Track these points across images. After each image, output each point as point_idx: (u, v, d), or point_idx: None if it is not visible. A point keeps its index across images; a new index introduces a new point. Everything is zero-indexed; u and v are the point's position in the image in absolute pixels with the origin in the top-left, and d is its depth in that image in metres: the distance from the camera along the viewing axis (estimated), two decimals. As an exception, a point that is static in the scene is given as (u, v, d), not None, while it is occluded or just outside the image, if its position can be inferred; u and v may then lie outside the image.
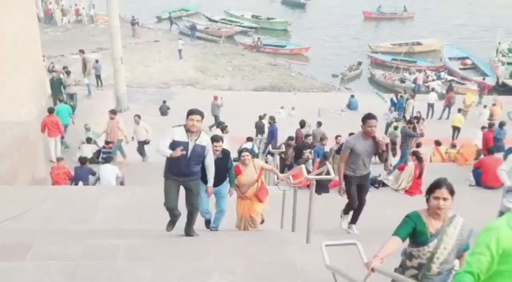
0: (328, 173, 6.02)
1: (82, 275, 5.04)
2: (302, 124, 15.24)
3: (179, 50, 31.33)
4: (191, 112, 6.13)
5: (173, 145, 5.69)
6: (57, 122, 13.15)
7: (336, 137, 13.09)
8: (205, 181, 6.48)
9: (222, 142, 6.94)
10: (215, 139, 6.73)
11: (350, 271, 4.16)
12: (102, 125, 14.88)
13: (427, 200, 3.88)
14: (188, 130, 5.73)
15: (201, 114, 6.14)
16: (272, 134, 15.93)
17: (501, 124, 14.43)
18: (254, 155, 11.14)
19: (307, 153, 12.06)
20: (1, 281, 4.91)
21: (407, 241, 3.99)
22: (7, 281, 4.91)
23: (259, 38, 34.66)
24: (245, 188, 7.34)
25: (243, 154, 7.41)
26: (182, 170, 5.80)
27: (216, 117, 20.26)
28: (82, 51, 20.94)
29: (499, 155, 10.37)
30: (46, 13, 36.58)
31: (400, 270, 4.10)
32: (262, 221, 7.76)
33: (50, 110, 13.32)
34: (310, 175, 6.36)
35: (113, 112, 14.15)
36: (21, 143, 10.43)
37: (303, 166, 6.35)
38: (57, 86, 16.31)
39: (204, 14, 40.89)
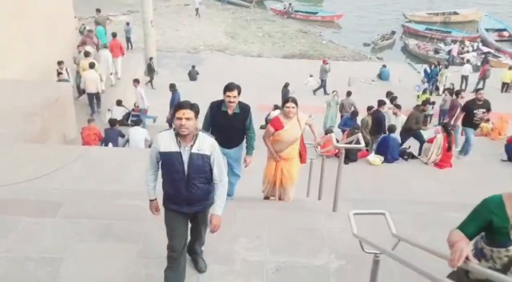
0: (358, 142, 5.92)
1: (112, 234, 5.14)
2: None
3: (196, 9, 31.29)
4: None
5: (162, 159, 4.00)
6: (120, 45, 16.17)
7: (369, 109, 12.56)
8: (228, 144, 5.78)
9: (239, 93, 5.68)
10: (228, 88, 5.64)
11: (376, 241, 4.13)
12: (132, 90, 14.98)
13: None
14: (178, 134, 3.91)
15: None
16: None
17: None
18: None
19: None
20: (31, 236, 5.04)
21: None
22: (38, 236, 5.04)
23: (290, 4, 34.05)
24: (283, 146, 6.11)
25: (288, 104, 5.95)
26: (183, 195, 4.01)
27: (322, 81, 20.81)
28: (98, 11, 19.83)
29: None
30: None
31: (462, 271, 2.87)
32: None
33: (114, 35, 16.65)
34: (340, 144, 6.29)
35: (136, 80, 14.47)
36: (52, 103, 10.56)
37: (332, 134, 6.26)
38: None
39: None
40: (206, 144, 3.98)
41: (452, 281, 2.58)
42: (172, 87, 14.30)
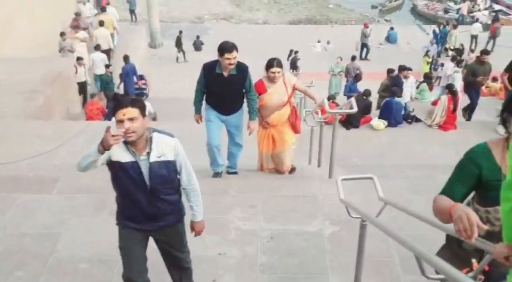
0: (351, 107, 5.86)
1: (108, 207, 5.19)
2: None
3: None
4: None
5: (112, 169, 3.11)
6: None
7: (389, 72, 12.22)
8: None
9: (237, 52, 5.23)
10: (226, 49, 5.17)
11: (368, 205, 4.12)
12: (136, 62, 14.92)
13: (504, 120, 2.32)
14: (127, 142, 3.00)
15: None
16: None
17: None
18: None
19: None
20: (28, 212, 5.11)
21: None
22: (35, 212, 5.11)
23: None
24: (268, 111, 5.82)
25: (272, 69, 5.58)
26: (146, 212, 3.21)
27: (364, 45, 21.14)
28: None
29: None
30: None
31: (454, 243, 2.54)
32: (293, 170, 6.34)
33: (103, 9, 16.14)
34: (332, 110, 6.22)
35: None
36: (54, 79, 10.58)
37: (325, 100, 6.17)
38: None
39: None
40: (167, 147, 3.11)
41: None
42: (126, 58, 13.51)
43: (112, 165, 3.09)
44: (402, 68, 11.83)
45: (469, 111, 10.92)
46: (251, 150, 6.37)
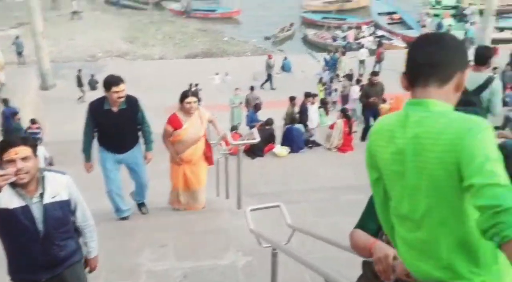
0: (253, 138, 5.97)
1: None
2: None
3: (74, 13, 30.77)
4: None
5: (2, 220, 2.75)
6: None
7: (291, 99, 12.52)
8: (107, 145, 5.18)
9: (124, 85, 4.99)
10: (113, 82, 4.93)
11: (278, 232, 4.18)
12: (27, 106, 14.19)
13: None
14: (17, 185, 2.68)
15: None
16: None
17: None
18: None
19: None
20: None
21: None
22: None
23: (188, 3, 33.78)
24: (184, 147, 5.59)
25: (188, 99, 5.40)
26: (39, 261, 2.87)
27: (269, 75, 21.39)
28: None
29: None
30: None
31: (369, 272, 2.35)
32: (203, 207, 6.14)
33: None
34: (235, 141, 6.29)
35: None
36: None
37: (227, 132, 6.25)
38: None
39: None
40: (60, 186, 2.86)
41: None
42: (5, 102, 12.77)
43: (1, 214, 2.70)
44: (307, 95, 12.24)
45: (363, 132, 11.49)
46: (159, 186, 6.22)
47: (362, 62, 22.30)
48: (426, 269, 1.72)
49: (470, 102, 4.06)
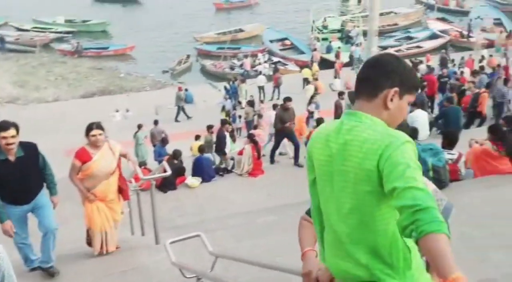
0: (164, 171, 5.88)
1: None
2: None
3: None
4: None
5: None
6: None
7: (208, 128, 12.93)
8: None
9: (17, 131, 4.67)
10: (4, 127, 4.61)
11: (201, 262, 4.13)
12: None
13: None
14: None
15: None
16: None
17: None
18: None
19: None
20: None
21: None
22: None
23: (78, 43, 32.84)
24: (95, 181, 5.28)
25: (92, 132, 5.19)
26: None
27: (179, 107, 21.30)
28: None
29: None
30: None
31: None
32: (117, 247, 5.75)
33: None
34: (146, 176, 6.16)
35: None
36: None
37: (137, 168, 6.08)
38: None
39: (12, 24, 37.42)
40: None
41: None
42: None
43: None
44: (224, 123, 12.36)
45: (271, 154, 11.63)
46: (67, 232, 5.96)
47: (261, 88, 22.89)
48: (346, 268, 1.86)
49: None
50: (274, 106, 15.51)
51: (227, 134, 12.09)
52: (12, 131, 4.62)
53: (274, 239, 5.21)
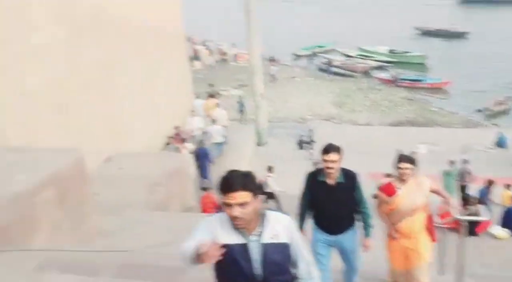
0: (477, 214, 5.56)
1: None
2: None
3: (272, 75, 32.78)
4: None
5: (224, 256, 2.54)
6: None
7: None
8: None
9: (340, 156, 4.63)
10: (324, 150, 4.66)
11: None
12: (243, 159, 15.55)
13: None
14: (236, 226, 2.58)
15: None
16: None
17: None
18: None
19: None
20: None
21: None
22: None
23: (396, 72, 34.00)
24: (398, 217, 5.04)
25: (400, 164, 4.97)
26: None
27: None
28: (211, 85, 25.26)
29: None
30: (195, 54, 38.93)
31: None
32: None
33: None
34: (461, 216, 5.82)
35: None
36: (174, 173, 11.29)
37: (454, 203, 5.83)
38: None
39: (339, 50, 41.12)
40: (280, 226, 2.62)
41: None
42: (199, 143, 14.77)
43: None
44: None
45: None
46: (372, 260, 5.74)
47: None
48: None
49: None
50: None
51: None
52: (333, 156, 4.60)
53: None
